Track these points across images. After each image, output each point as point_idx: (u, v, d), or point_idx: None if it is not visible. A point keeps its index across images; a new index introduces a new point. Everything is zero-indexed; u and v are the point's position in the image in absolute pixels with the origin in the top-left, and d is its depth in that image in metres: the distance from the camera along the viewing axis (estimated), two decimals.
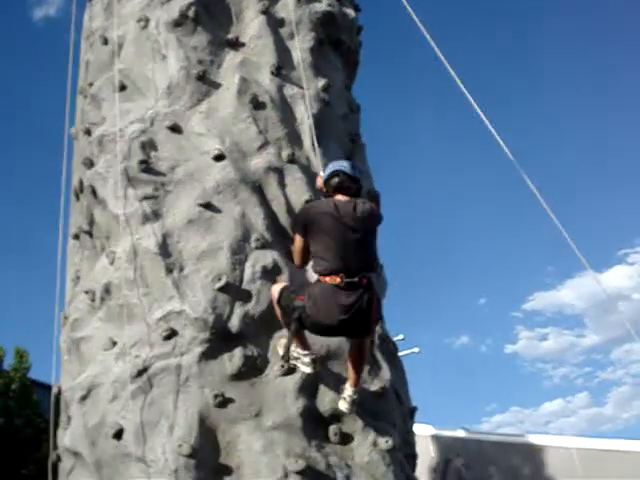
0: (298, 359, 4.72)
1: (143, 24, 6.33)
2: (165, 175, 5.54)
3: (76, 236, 6.15)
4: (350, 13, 7.21)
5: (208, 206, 5.33)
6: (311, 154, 5.83)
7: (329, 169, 4.62)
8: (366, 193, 5.75)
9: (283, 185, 5.60)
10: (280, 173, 5.62)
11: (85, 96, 6.55)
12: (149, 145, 5.68)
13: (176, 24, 6.22)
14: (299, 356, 4.71)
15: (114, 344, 5.07)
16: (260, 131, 5.77)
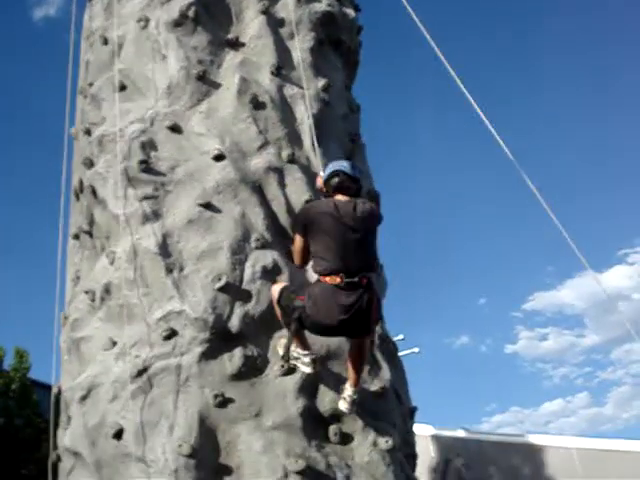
0: (298, 359, 4.72)
1: (143, 24, 6.33)
2: (165, 175, 5.54)
3: (76, 236, 6.15)
4: (350, 13, 7.21)
5: (208, 206, 5.33)
6: (311, 154, 5.83)
7: (329, 169, 4.61)
8: (366, 193, 5.75)
9: (283, 185, 5.60)
10: (280, 173, 5.62)
11: (85, 96, 6.55)
12: (149, 145, 5.68)
13: (176, 24, 6.22)
14: (299, 356, 4.70)
15: (114, 344, 5.07)
16: (260, 131, 5.77)
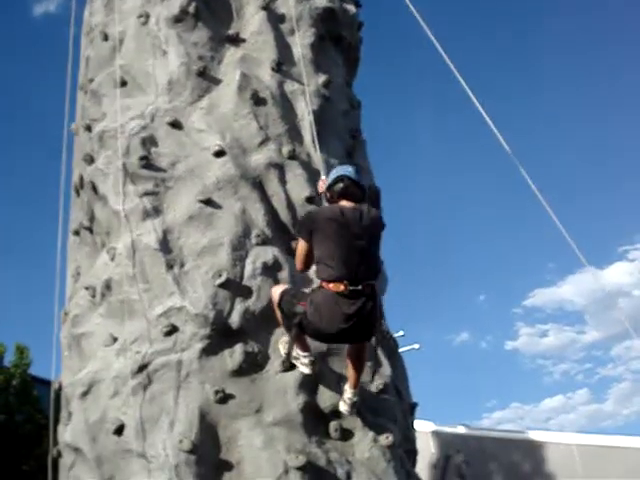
0: (297, 359, 4.72)
1: (143, 20, 6.32)
2: (165, 171, 5.53)
3: (76, 232, 6.14)
4: (351, 9, 7.19)
5: (208, 202, 5.33)
6: (312, 150, 5.82)
7: (334, 174, 4.55)
8: (367, 188, 5.74)
9: (284, 181, 5.59)
10: (281, 169, 5.62)
11: (85, 92, 6.54)
12: (149, 141, 5.68)
13: (176, 20, 6.22)
14: (298, 357, 4.70)
15: (115, 340, 5.07)
16: (261, 127, 5.76)
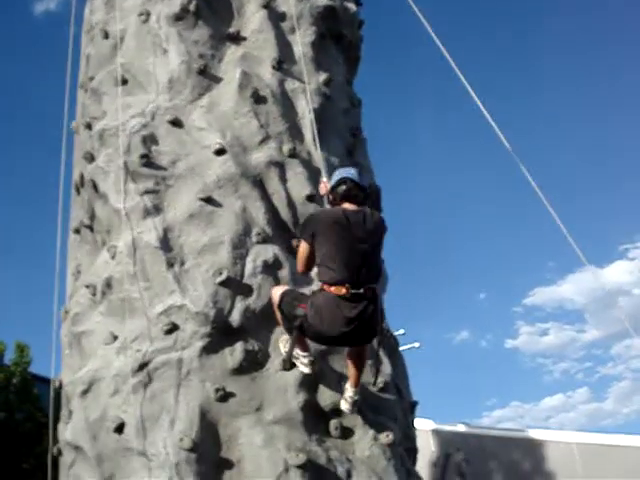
0: (297, 359, 4.71)
1: (144, 18, 6.31)
2: (166, 169, 5.53)
3: (77, 230, 6.14)
4: (351, 7, 7.19)
5: (209, 200, 5.33)
6: (312, 148, 5.82)
7: (336, 176, 4.54)
8: (367, 187, 5.74)
9: (284, 180, 5.59)
10: (281, 167, 5.61)
11: (86, 90, 6.54)
12: (150, 139, 5.68)
13: (177, 18, 6.21)
14: (298, 356, 4.70)
15: (115, 338, 5.07)
16: (261, 125, 5.76)
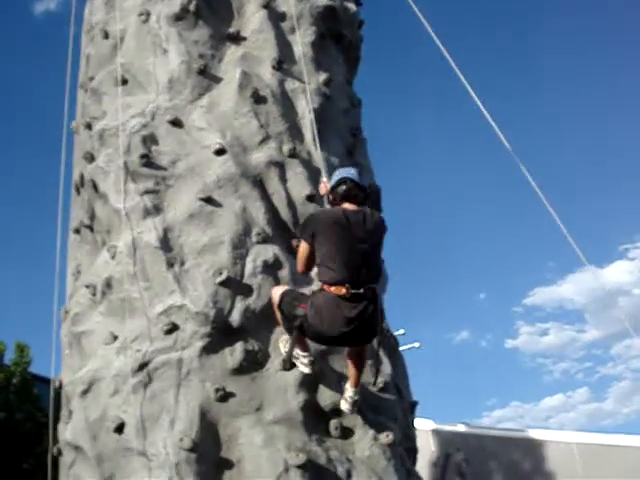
0: (297, 359, 4.72)
1: (144, 18, 6.31)
2: (166, 169, 5.53)
3: (77, 230, 6.14)
4: (351, 7, 7.19)
5: (209, 200, 5.33)
6: (312, 148, 5.82)
7: (336, 176, 4.53)
8: (368, 187, 5.74)
9: (284, 180, 5.59)
10: (281, 167, 5.61)
11: (86, 90, 6.54)
12: (150, 139, 5.68)
13: (177, 18, 6.21)
14: (298, 356, 4.70)
15: (115, 338, 5.07)
16: (261, 125, 5.76)
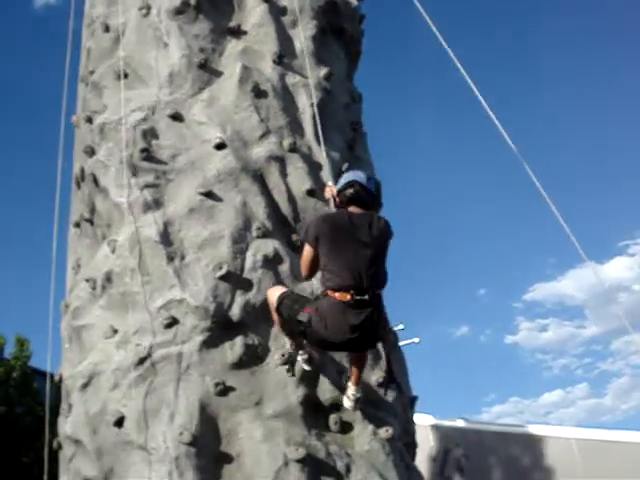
0: (297, 356, 4.74)
1: (145, 12, 6.30)
2: (166, 163, 5.53)
3: (77, 224, 6.14)
4: (352, 1, 7.16)
5: (209, 195, 5.32)
6: (313, 143, 5.82)
7: (345, 179, 4.47)
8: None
9: (284, 174, 5.58)
10: (281, 162, 5.61)
11: (86, 84, 6.53)
12: (150, 133, 5.67)
13: (178, 12, 6.20)
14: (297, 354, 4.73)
15: (115, 332, 5.07)
16: (261, 120, 5.76)
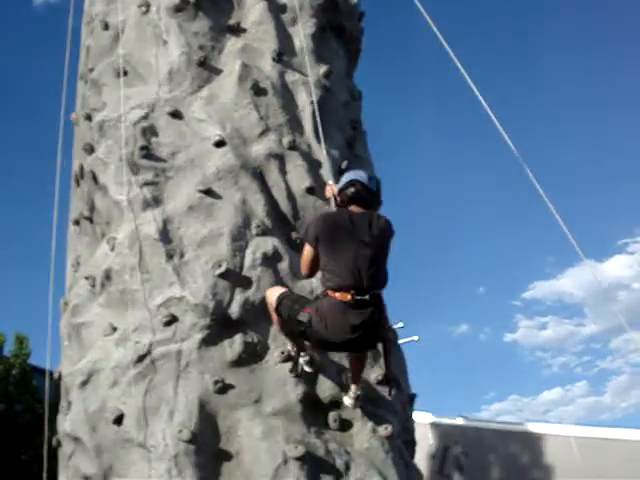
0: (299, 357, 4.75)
1: (144, 9, 6.30)
2: (166, 161, 5.53)
3: (76, 222, 6.14)
4: None
5: (209, 192, 5.32)
6: (312, 141, 5.82)
7: (346, 178, 4.45)
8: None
9: (284, 172, 5.58)
10: (281, 160, 5.61)
11: (86, 81, 6.53)
12: (150, 131, 5.67)
13: (177, 9, 6.20)
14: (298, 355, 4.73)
15: (114, 330, 5.07)
16: (261, 117, 5.75)
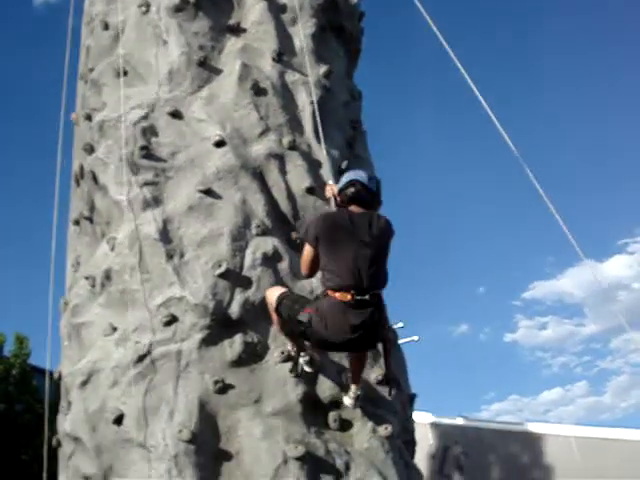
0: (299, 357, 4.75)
1: (144, 9, 6.30)
2: (166, 161, 5.53)
3: (76, 222, 6.14)
4: None
5: (209, 192, 5.32)
6: (312, 141, 5.82)
7: (346, 178, 4.45)
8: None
9: (284, 172, 5.58)
10: (281, 160, 5.61)
11: (86, 81, 6.53)
12: (150, 131, 5.67)
13: (177, 9, 6.20)
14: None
15: (114, 330, 5.07)
16: (261, 117, 5.76)
